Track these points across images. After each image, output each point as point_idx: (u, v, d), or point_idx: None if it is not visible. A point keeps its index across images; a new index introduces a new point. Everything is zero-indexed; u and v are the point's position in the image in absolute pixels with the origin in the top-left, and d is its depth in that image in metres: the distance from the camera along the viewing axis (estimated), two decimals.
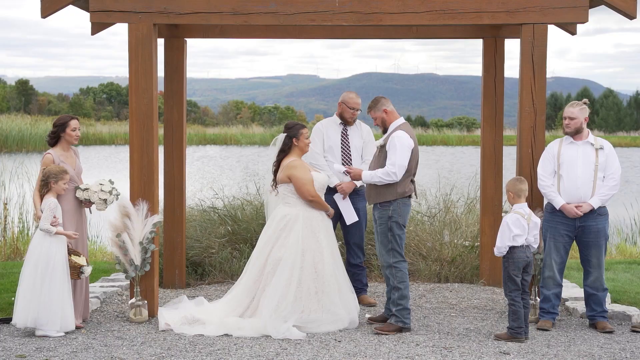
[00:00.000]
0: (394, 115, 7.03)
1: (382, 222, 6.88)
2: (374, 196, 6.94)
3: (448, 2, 7.18)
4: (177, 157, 8.70)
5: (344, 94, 8.13)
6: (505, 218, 6.70)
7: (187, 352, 6.19)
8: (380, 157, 6.97)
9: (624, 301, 7.88)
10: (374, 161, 7.07)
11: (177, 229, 8.68)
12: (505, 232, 6.63)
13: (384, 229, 6.88)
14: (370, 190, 7.00)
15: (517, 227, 6.62)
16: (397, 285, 6.86)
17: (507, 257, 6.65)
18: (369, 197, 7.03)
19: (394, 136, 6.87)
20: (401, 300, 6.84)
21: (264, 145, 43.99)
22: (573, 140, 7.04)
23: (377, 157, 7.02)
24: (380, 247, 6.93)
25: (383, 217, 6.88)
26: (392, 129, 6.96)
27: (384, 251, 6.90)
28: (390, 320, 6.90)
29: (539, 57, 7.24)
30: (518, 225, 6.62)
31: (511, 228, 6.61)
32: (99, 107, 77.06)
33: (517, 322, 6.56)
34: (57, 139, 7.07)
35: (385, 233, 6.87)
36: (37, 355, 6.08)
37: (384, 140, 6.96)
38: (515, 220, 6.64)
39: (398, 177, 6.77)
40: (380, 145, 6.97)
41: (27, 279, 6.64)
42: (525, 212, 6.70)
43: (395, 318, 6.86)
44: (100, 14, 7.24)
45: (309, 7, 7.21)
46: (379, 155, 6.99)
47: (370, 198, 7.01)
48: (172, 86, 8.69)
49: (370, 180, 6.89)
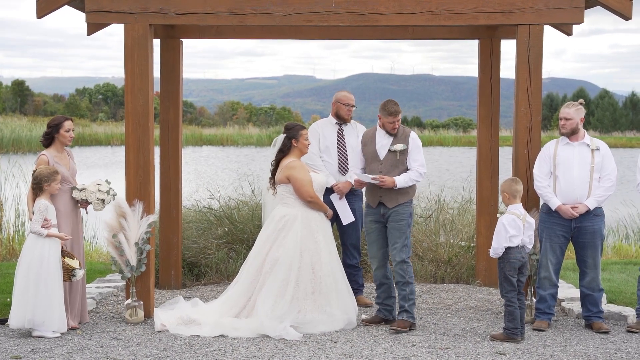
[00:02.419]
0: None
1: (403, 219, 6.97)
2: (398, 197, 6.97)
3: (444, 3, 7.19)
4: (173, 158, 8.69)
5: (336, 93, 8.18)
6: (501, 219, 6.71)
7: (183, 353, 6.18)
8: (401, 160, 7.00)
9: (619, 302, 7.89)
10: (391, 164, 7.02)
11: (173, 230, 8.68)
12: (502, 233, 6.64)
13: (403, 226, 6.97)
14: (390, 193, 6.97)
15: (513, 227, 6.62)
16: (409, 280, 6.95)
17: (502, 258, 6.66)
18: (390, 200, 6.98)
19: (412, 137, 7.05)
20: (412, 295, 6.95)
21: (261, 146, 44.03)
22: (569, 141, 7.05)
23: (397, 160, 7.01)
24: (396, 243, 6.95)
25: (405, 213, 6.98)
26: (399, 130, 7.04)
27: (398, 248, 6.95)
28: (402, 317, 6.93)
29: (535, 58, 7.25)
30: (514, 226, 6.63)
31: (507, 229, 6.62)
32: (95, 108, 76.97)
33: (513, 322, 6.57)
34: (51, 140, 7.05)
35: (404, 230, 6.97)
36: (33, 356, 6.07)
37: (403, 144, 6.99)
38: (511, 221, 6.64)
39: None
40: (401, 149, 6.99)
41: (21, 281, 6.63)
42: (520, 212, 6.71)
43: (407, 314, 6.93)
44: (96, 15, 7.24)
45: (305, 7, 7.21)
46: (399, 157, 7.00)
47: (391, 200, 6.98)
48: (168, 87, 8.68)
49: (405, 185, 6.96)
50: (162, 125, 8.71)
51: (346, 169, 8.00)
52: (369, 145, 7.17)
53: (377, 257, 7.16)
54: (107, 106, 79.82)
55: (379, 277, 7.17)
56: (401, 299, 6.96)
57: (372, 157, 7.11)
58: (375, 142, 7.12)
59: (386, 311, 7.19)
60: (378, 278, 7.18)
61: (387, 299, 7.20)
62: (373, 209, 7.11)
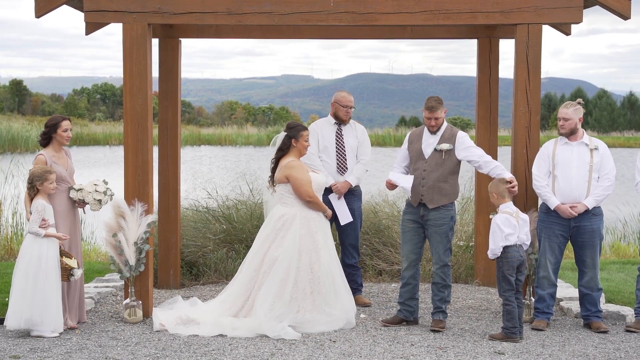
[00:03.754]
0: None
1: (444, 223, 6.93)
2: (442, 198, 6.92)
3: (443, 2, 7.19)
4: (171, 157, 8.69)
5: (335, 94, 8.15)
6: (495, 219, 6.70)
7: (181, 353, 6.18)
8: (446, 161, 6.94)
9: (618, 301, 7.90)
10: (435, 165, 6.96)
11: (172, 229, 8.67)
12: (497, 233, 6.63)
13: (445, 229, 6.94)
14: (432, 193, 6.93)
15: (508, 226, 6.62)
16: (449, 283, 7.02)
17: (501, 257, 6.66)
18: (431, 200, 6.93)
19: (462, 137, 7.00)
20: (449, 297, 7.04)
21: (260, 145, 44.01)
22: (568, 140, 7.05)
23: (442, 161, 6.95)
24: (438, 247, 6.94)
25: (446, 217, 6.94)
26: (446, 130, 7.01)
27: (441, 251, 6.96)
28: (439, 317, 6.97)
29: (534, 58, 7.25)
30: (508, 225, 6.63)
31: (502, 228, 6.62)
32: (93, 108, 76.92)
33: (512, 322, 6.57)
34: (48, 139, 7.04)
35: (447, 233, 6.97)
36: (31, 355, 6.06)
37: (449, 144, 6.94)
38: (505, 220, 6.65)
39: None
40: (447, 149, 6.94)
41: (19, 281, 6.62)
42: (512, 210, 6.72)
43: (443, 315, 6.99)
44: (95, 14, 7.23)
45: (304, 7, 7.21)
46: (446, 159, 6.94)
47: (432, 201, 6.93)
48: (167, 86, 8.68)
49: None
50: (160, 125, 8.70)
51: (345, 169, 8.00)
52: (415, 143, 7.12)
53: (409, 257, 7.10)
54: (105, 106, 79.78)
55: (407, 277, 7.10)
56: (438, 300, 6.97)
57: (418, 156, 7.07)
58: (421, 141, 7.07)
59: (407, 312, 7.12)
60: (405, 277, 7.11)
61: (409, 299, 7.12)
62: (413, 208, 7.06)
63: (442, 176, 6.95)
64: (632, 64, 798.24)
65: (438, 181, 6.94)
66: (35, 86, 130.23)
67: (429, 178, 6.96)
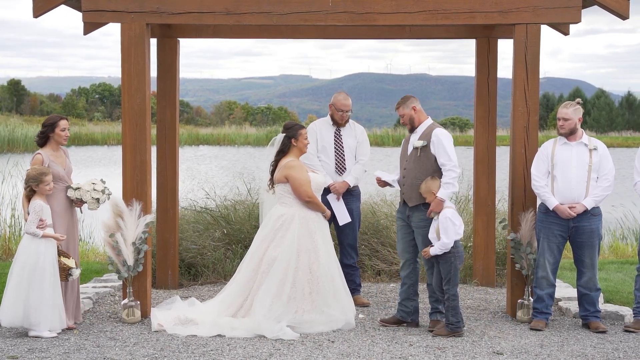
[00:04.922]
0: (424, 115, 7.04)
1: (427, 225, 6.85)
2: (420, 197, 6.85)
3: (441, 2, 7.18)
4: (170, 157, 8.68)
5: (334, 96, 8.13)
6: (444, 213, 6.66)
7: (180, 353, 6.17)
8: (422, 158, 6.89)
9: (616, 301, 7.90)
10: (413, 162, 6.96)
11: (170, 229, 8.66)
12: (450, 226, 6.63)
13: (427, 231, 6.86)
14: (411, 191, 6.90)
15: (457, 218, 6.69)
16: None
17: (452, 252, 6.67)
18: (410, 199, 6.91)
19: (438, 134, 6.85)
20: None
21: (258, 145, 44.00)
22: (567, 140, 7.04)
23: (418, 158, 6.92)
24: (422, 248, 6.90)
25: (424, 219, 6.86)
26: (426, 128, 6.94)
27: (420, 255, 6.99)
28: (437, 317, 6.97)
29: (532, 57, 7.25)
30: (457, 217, 6.70)
31: (454, 221, 6.64)
32: (91, 108, 76.90)
33: (456, 317, 6.66)
34: (46, 139, 7.03)
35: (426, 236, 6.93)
36: (29, 356, 6.05)
37: (424, 141, 6.89)
38: (454, 213, 6.71)
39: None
40: (422, 146, 6.89)
41: (14, 279, 6.62)
42: (452, 204, 6.81)
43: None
44: (93, 14, 7.22)
45: (302, 7, 7.20)
46: (420, 155, 6.90)
47: (412, 199, 6.91)
48: (165, 86, 8.67)
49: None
50: (159, 125, 8.69)
51: (343, 169, 7.99)
52: (405, 142, 7.19)
53: (403, 256, 7.11)
54: (104, 106, 79.77)
55: (402, 276, 7.11)
56: (434, 300, 6.95)
57: (403, 154, 7.12)
58: (409, 140, 7.10)
59: (404, 312, 7.10)
60: (401, 277, 7.13)
61: (405, 299, 7.10)
62: (401, 207, 7.09)
63: (419, 174, 6.88)
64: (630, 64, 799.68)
65: (416, 179, 6.90)
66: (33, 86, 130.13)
67: (409, 176, 6.96)
